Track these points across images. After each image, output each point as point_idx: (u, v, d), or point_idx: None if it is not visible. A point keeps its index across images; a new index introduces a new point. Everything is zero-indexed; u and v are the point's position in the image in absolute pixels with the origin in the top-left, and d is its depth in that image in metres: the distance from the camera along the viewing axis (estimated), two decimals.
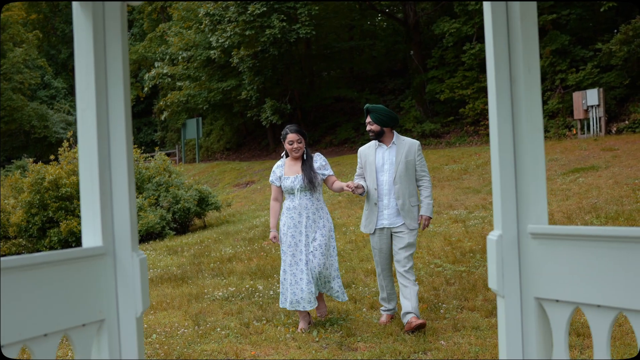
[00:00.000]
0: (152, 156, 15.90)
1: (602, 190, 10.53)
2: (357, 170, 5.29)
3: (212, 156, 33.23)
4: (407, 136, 5.33)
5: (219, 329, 5.14)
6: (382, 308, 5.26)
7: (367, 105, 5.18)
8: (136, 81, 38.37)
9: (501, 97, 1.81)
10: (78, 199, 12.91)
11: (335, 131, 27.44)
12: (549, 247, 1.78)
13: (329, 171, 5.21)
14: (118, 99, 1.79)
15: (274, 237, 5.14)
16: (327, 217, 5.11)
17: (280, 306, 5.13)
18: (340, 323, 5.10)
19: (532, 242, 1.81)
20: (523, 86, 1.78)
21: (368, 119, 5.15)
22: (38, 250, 12.92)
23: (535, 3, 1.77)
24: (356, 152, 20.24)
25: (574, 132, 19.16)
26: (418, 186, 5.10)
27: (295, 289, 4.93)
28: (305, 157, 5.16)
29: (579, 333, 4.40)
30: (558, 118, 20.36)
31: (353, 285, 6.38)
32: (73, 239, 12.52)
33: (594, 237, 1.68)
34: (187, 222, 14.20)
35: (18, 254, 13.25)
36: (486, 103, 21.76)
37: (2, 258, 1.53)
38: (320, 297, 5.28)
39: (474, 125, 22.25)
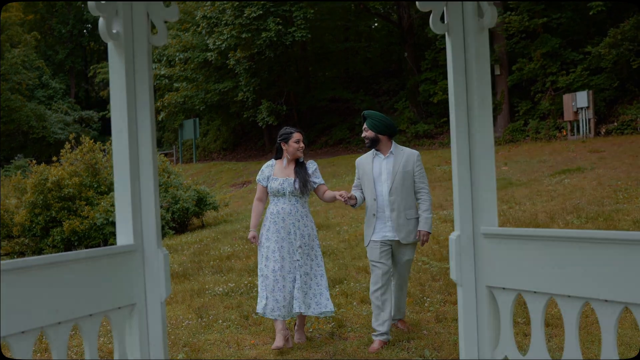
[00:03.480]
0: None
1: (586, 191, 10.95)
2: (355, 181, 5.05)
3: (209, 156, 33.58)
4: (401, 137, 5.21)
5: (220, 321, 5.54)
6: (374, 333, 4.79)
7: (364, 111, 5.01)
8: None
9: (459, 123, 2.22)
10: (80, 199, 13.29)
11: (330, 132, 27.83)
12: (498, 245, 2.19)
13: (320, 179, 4.98)
14: (145, 123, 2.19)
15: (253, 237, 4.90)
16: (311, 224, 4.90)
17: (258, 311, 4.80)
18: (332, 315, 5.50)
19: (484, 240, 2.22)
20: (477, 114, 2.19)
21: (364, 126, 4.95)
22: (41, 249, 13.29)
23: (487, 46, 2.17)
24: (351, 152, 20.64)
25: (564, 133, 19.59)
26: (417, 199, 4.86)
27: (277, 296, 4.66)
28: (299, 160, 4.98)
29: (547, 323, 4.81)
30: (549, 119, 20.79)
31: (345, 282, 6.78)
32: (75, 238, 12.87)
33: (532, 237, 2.09)
34: (186, 222, 14.58)
35: (21, 253, 13.62)
36: None
37: (55, 254, 1.92)
38: (300, 324, 4.95)
39: None
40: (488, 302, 2.22)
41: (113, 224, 12.96)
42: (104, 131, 42.64)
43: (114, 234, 12.95)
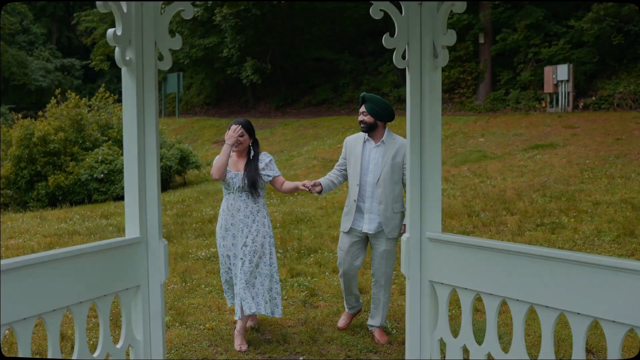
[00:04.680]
0: None
1: (555, 169, 11.49)
2: (340, 160, 4.84)
3: (192, 110, 33.67)
4: (385, 99, 4.69)
5: (203, 286, 6.03)
6: (345, 311, 4.98)
7: (363, 93, 4.71)
8: None
9: (414, 145, 2.65)
10: (65, 154, 13.59)
11: (314, 91, 28.07)
12: (439, 247, 2.67)
13: (274, 171, 4.67)
14: (151, 137, 2.60)
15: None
16: (263, 221, 4.62)
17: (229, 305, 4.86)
18: (306, 284, 6.01)
19: (429, 243, 2.70)
20: (428, 139, 2.63)
21: (362, 109, 4.64)
22: (26, 202, 13.62)
23: (440, 82, 2.59)
24: (334, 114, 20.91)
25: (544, 105, 20.09)
26: (406, 191, 4.04)
27: (236, 295, 4.57)
28: (251, 157, 4.67)
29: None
30: (529, 90, 21.21)
31: (319, 251, 7.28)
32: (60, 193, 13.22)
33: (466, 245, 2.56)
34: (168, 179, 14.96)
35: (5, 205, 13.94)
36: (461, 72, 22.63)
37: (78, 246, 2.35)
38: (241, 328, 4.64)
39: (448, 93, 23.05)
40: (429, 294, 2.72)
41: (97, 180, 13.32)
42: (86, 79, 42.32)
43: (98, 190, 13.33)
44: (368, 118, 4.60)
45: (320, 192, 4.65)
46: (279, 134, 21.54)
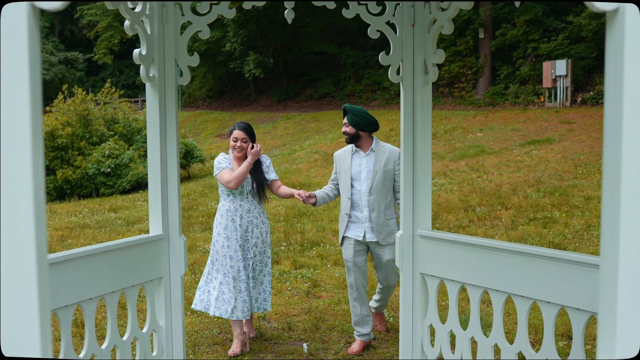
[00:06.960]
0: (137, 101, 16.65)
1: (550, 164, 11.79)
2: (332, 175, 4.87)
3: (194, 103, 33.97)
4: (384, 93, 4.76)
5: None
6: (356, 332, 4.68)
7: (345, 105, 4.72)
8: (120, 24, 38.50)
9: (406, 152, 2.96)
10: (73, 149, 13.92)
11: (315, 85, 28.34)
12: (429, 243, 2.98)
13: (273, 175, 4.78)
14: (172, 144, 2.91)
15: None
16: (267, 222, 4.78)
17: (195, 308, 4.63)
18: (309, 276, 6.33)
19: (420, 239, 3.01)
20: (419, 146, 2.93)
21: (344, 120, 4.67)
22: None
23: (430, 96, 2.89)
24: (335, 108, 21.34)
25: (542, 99, 20.36)
26: (396, 198, 4.59)
27: (245, 297, 4.53)
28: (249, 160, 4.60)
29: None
30: (528, 85, 21.48)
31: (321, 244, 7.61)
32: (68, 187, 13.55)
33: (452, 241, 2.87)
34: None
35: None
36: (461, 67, 22.89)
37: (110, 243, 2.67)
38: (249, 320, 4.84)
39: (448, 87, 23.34)
40: (421, 285, 3.04)
41: (104, 174, 13.65)
42: (89, 72, 42.59)
43: (105, 184, 13.67)
44: (350, 129, 4.62)
45: (314, 204, 4.68)
46: (281, 127, 21.83)
